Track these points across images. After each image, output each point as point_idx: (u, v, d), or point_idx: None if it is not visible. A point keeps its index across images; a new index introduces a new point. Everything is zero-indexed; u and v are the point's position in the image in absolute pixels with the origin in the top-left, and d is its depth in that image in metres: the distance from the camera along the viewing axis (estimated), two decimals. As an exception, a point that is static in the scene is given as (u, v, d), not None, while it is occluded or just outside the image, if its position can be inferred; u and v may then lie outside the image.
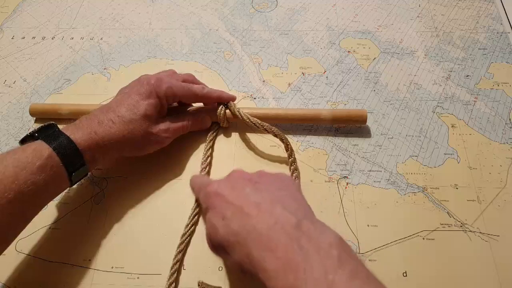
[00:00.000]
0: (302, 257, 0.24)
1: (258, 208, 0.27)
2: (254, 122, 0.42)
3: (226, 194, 0.30)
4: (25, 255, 0.39)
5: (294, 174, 0.41)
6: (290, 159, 0.41)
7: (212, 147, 0.45)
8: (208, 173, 0.43)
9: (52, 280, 0.37)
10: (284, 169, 0.43)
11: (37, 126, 0.47)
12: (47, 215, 0.41)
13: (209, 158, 0.44)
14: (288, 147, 0.41)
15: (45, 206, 0.35)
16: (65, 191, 0.41)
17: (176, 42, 0.55)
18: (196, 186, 0.37)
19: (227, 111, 0.44)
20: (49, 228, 0.40)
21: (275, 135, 0.41)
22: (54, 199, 0.40)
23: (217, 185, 0.31)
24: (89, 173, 0.39)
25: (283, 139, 0.41)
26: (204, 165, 0.43)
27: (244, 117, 0.42)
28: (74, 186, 0.39)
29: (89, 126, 0.36)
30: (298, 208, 0.28)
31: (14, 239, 0.33)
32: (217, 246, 0.29)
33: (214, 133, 0.45)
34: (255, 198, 0.28)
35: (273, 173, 0.33)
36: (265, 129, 0.41)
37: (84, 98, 0.50)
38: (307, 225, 0.26)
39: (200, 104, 0.45)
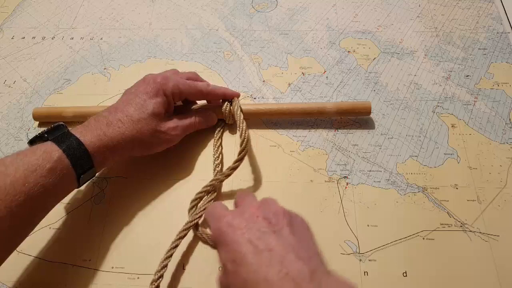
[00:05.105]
0: None
1: (270, 255, 0.26)
2: (239, 122, 0.41)
3: (238, 234, 0.28)
4: (26, 255, 0.39)
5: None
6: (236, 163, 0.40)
7: (221, 144, 0.45)
8: (222, 170, 0.43)
9: (52, 280, 0.37)
10: (284, 168, 0.43)
11: (39, 129, 0.47)
12: (47, 215, 0.40)
13: (221, 156, 0.43)
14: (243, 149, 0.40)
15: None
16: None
17: (176, 42, 0.55)
18: (210, 217, 0.33)
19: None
20: (49, 228, 0.40)
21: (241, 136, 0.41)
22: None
23: (232, 218, 0.29)
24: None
25: (244, 140, 0.40)
26: (218, 162, 0.42)
27: (237, 114, 0.42)
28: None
29: (98, 127, 0.36)
30: (311, 257, 0.27)
31: (21, 243, 0.33)
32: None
33: (221, 130, 0.45)
34: (268, 242, 0.27)
35: (289, 213, 0.30)
36: (242, 131, 0.40)
37: (84, 98, 0.50)
38: (321, 277, 0.24)
39: (204, 102, 0.46)
